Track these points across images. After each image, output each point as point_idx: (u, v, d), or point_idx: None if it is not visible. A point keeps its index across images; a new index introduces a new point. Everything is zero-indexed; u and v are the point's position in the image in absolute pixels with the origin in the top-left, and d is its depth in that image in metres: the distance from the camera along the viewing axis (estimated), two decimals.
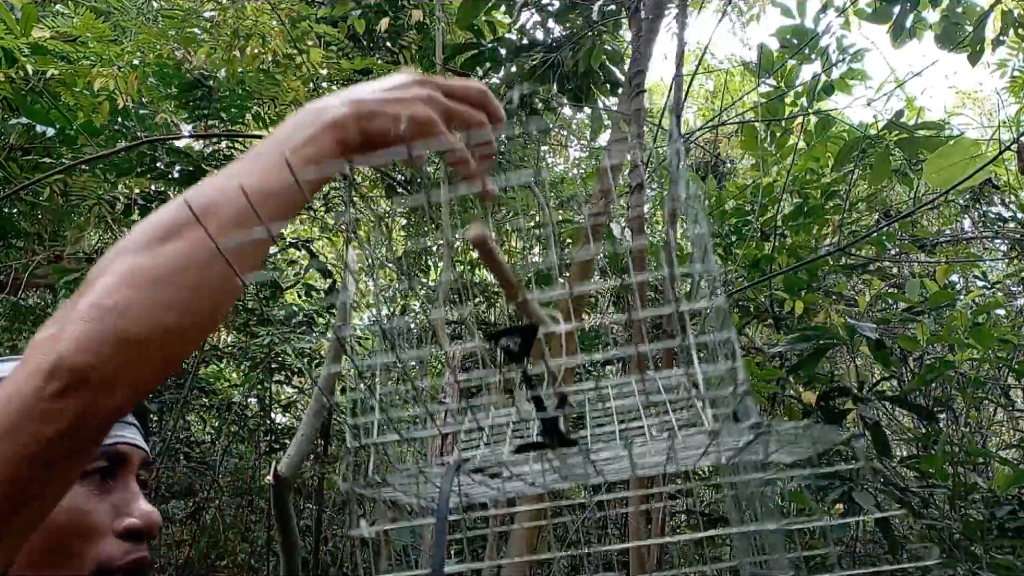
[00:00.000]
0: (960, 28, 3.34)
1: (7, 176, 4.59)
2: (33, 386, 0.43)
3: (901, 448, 4.92)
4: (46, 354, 0.43)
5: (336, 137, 0.55)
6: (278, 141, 0.54)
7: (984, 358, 3.33)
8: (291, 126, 0.56)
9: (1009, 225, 4.70)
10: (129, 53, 3.92)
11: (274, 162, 0.52)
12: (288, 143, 0.53)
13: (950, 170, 1.89)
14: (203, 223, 0.47)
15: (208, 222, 0.48)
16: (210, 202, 0.49)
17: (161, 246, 0.48)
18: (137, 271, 0.46)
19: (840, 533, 3.14)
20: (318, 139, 0.54)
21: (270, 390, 5.94)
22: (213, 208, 0.49)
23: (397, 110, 0.56)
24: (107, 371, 0.44)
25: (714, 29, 14.12)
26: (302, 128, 0.55)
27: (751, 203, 4.51)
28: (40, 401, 0.43)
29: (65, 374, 0.43)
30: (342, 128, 0.55)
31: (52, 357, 0.43)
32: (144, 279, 0.46)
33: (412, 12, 4.69)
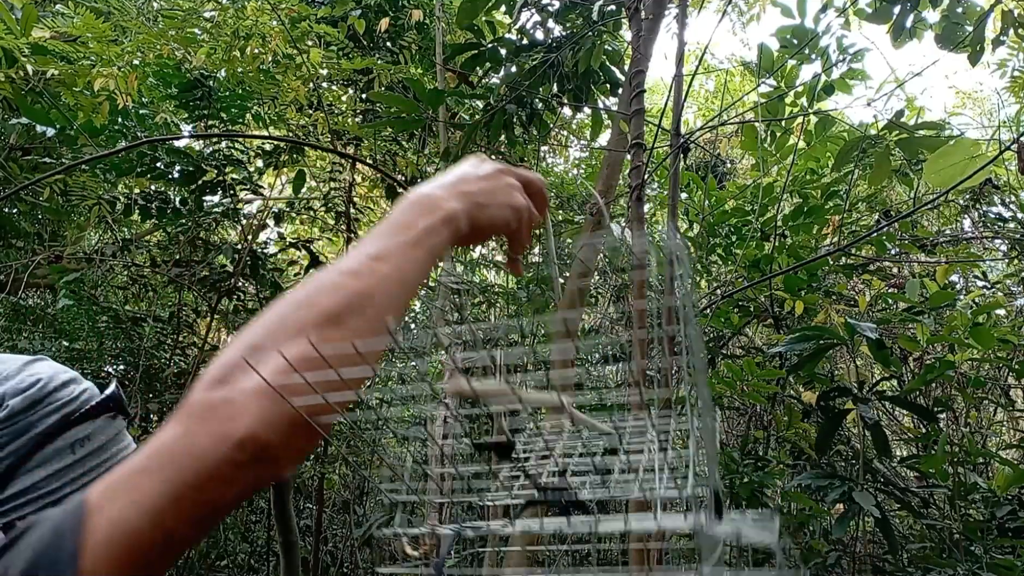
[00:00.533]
0: (960, 28, 3.33)
1: (7, 176, 4.59)
2: (222, 453, 0.46)
3: (901, 448, 4.92)
4: (232, 421, 0.47)
5: (451, 229, 0.63)
6: (401, 227, 0.60)
7: (984, 358, 3.33)
8: (411, 215, 0.62)
9: (1009, 225, 4.70)
10: (129, 53, 3.92)
11: (406, 254, 0.59)
12: (411, 232, 0.60)
13: (950, 170, 1.89)
14: (363, 312, 0.54)
15: (366, 311, 0.54)
16: (367, 292, 0.55)
17: (330, 331, 0.52)
18: (311, 357, 0.50)
19: (840, 533, 3.14)
20: (438, 231, 0.61)
21: None
22: (369, 300, 0.55)
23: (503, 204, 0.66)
24: (288, 448, 0.49)
25: (714, 29, 14.11)
26: (423, 218, 0.61)
27: (751, 203, 4.51)
28: (228, 467, 0.47)
29: (255, 449, 0.47)
30: (456, 222, 0.63)
31: (242, 430, 0.47)
32: (317, 365, 0.50)
33: (412, 12, 4.69)
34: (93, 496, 0.46)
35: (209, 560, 5.62)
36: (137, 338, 5.27)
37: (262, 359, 0.49)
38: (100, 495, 0.46)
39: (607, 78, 4.00)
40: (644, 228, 2.72)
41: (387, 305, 0.56)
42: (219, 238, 5.68)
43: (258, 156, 5.31)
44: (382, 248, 0.58)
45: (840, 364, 4.74)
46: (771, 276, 3.83)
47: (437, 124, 4.07)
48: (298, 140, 5.05)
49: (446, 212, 0.62)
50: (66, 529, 0.45)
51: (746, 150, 4.83)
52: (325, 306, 0.53)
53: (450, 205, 0.63)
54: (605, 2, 3.60)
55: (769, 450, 4.38)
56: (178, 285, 5.19)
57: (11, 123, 4.52)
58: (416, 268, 0.59)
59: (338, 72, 4.64)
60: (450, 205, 0.63)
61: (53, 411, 0.69)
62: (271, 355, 0.50)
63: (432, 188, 0.65)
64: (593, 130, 4.81)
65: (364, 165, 5.08)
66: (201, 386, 0.50)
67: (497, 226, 0.66)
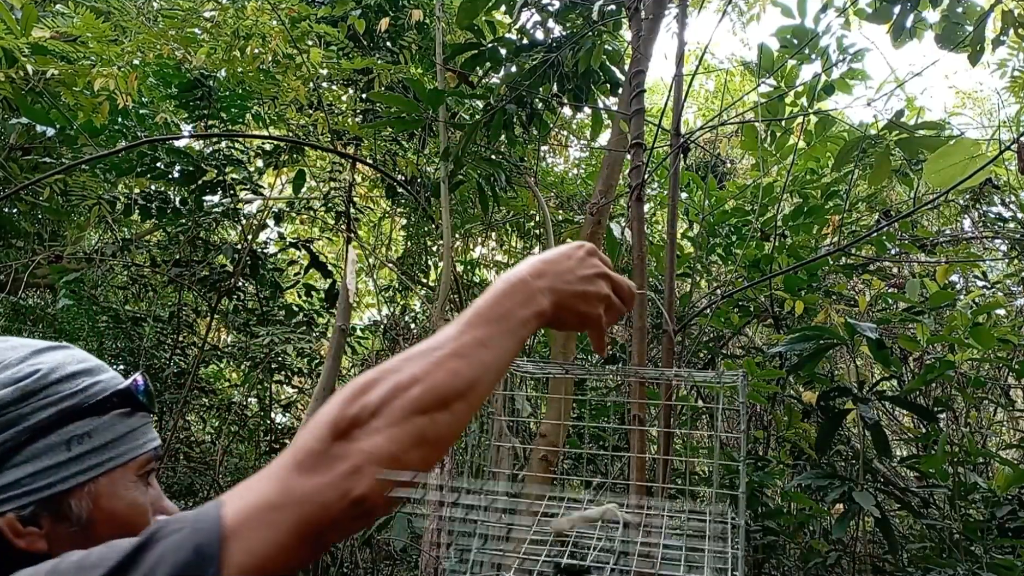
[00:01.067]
0: (960, 28, 3.33)
1: (7, 176, 4.59)
2: (341, 507, 0.54)
3: (901, 448, 4.92)
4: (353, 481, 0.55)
5: (540, 323, 0.70)
6: (502, 316, 0.66)
7: (984, 358, 3.33)
8: (510, 304, 0.68)
9: (1009, 225, 4.70)
10: (129, 53, 3.92)
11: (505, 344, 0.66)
12: (509, 322, 0.66)
13: (950, 170, 1.89)
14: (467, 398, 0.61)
15: (469, 397, 0.61)
16: (474, 380, 0.62)
17: (440, 413, 0.59)
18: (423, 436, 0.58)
19: (840, 533, 3.14)
20: (530, 324, 0.68)
21: (270, 390, 5.94)
22: (473, 388, 0.62)
23: (586, 311, 0.73)
24: (383, 511, 0.58)
25: (714, 29, 14.12)
26: (520, 309, 0.68)
27: (751, 203, 4.51)
28: (342, 518, 0.55)
29: (365, 508, 0.55)
30: (545, 317, 0.70)
31: (360, 490, 0.55)
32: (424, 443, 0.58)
33: (412, 12, 4.69)
34: (228, 519, 0.52)
35: None
36: (137, 338, 5.27)
37: (378, 430, 0.57)
38: (236, 521, 0.52)
39: (607, 78, 4.00)
40: (644, 228, 2.72)
41: (485, 392, 0.63)
42: (219, 238, 5.68)
43: (258, 156, 5.30)
44: (486, 335, 0.64)
45: (840, 364, 4.74)
46: (771, 276, 3.83)
47: (437, 124, 4.06)
48: (298, 140, 5.05)
49: (540, 307, 0.69)
50: (206, 551, 0.51)
51: (746, 150, 4.83)
52: (438, 389, 0.60)
53: (544, 301, 0.69)
54: (605, 2, 3.59)
55: (769, 450, 4.38)
56: (178, 285, 5.19)
57: (11, 123, 4.52)
58: (509, 357, 0.66)
59: (338, 72, 4.64)
60: (544, 301, 0.69)
61: (49, 404, 0.67)
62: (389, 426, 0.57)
63: (530, 275, 0.70)
64: (593, 130, 4.81)
65: (364, 165, 5.08)
66: (325, 432, 0.57)
67: (579, 326, 0.74)
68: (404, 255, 6.36)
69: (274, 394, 6.15)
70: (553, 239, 4.76)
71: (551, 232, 4.74)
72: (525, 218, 5.88)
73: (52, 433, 0.66)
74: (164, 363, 5.33)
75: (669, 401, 2.75)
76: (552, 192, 5.97)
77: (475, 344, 0.63)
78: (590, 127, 5.22)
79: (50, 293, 5.85)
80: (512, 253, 6.44)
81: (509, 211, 5.81)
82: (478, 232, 6.10)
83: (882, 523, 2.87)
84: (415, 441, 0.58)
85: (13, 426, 0.65)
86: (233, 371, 6.72)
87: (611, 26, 3.79)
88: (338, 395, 0.60)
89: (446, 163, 3.90)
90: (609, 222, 3.93)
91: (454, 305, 5.01)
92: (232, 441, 5.99)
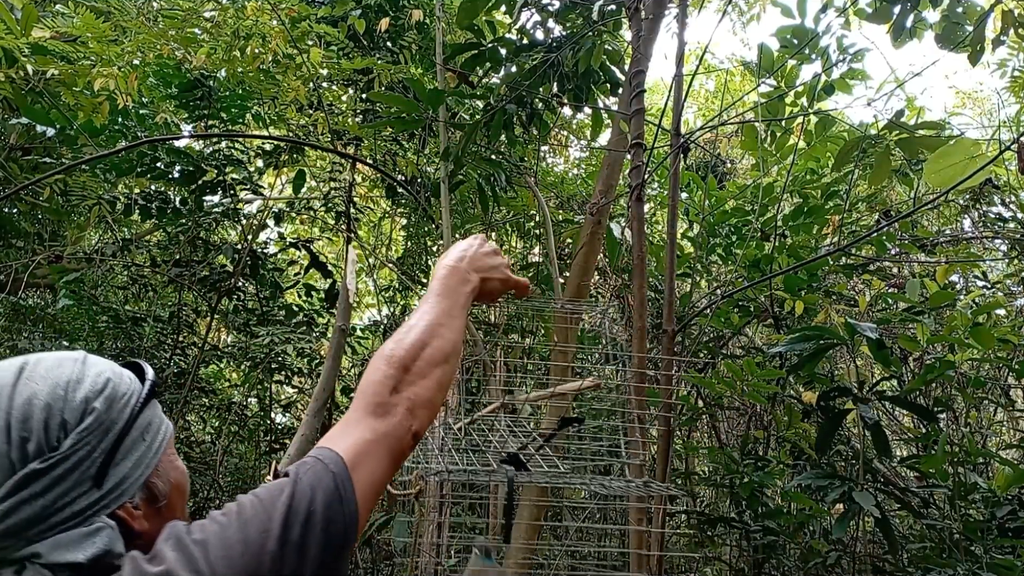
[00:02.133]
0: (960, 28, 3.33)
1: (7, 176, 4.59)
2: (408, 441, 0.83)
3: (901, 448, 4.92)
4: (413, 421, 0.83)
5: (474, 294, 1.02)
6: (452, 292, 0.98)
7: (984, 358, 3.33)
8: (454, 282, 0.99)
9: (1009, 225, 4.70)
10: (129, 53, 3.92)
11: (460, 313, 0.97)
12: (458, 297, 0.98)
13: (950, 170, 1.89)
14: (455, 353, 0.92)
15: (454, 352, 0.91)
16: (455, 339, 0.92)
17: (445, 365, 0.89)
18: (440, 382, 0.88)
19: (840, 533, 3.14)
20: (468, 297, 1.00)
21: (270, 390, 5.94)
22: (456, 343, 0.92)
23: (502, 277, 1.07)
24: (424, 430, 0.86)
25: (714, 29, 14.12)
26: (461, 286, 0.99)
27: (751, 203, 4.51)
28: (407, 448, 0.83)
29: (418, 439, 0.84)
30: (476, 290, 1.02)
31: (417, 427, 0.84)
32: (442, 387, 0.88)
33: (412, 12, 4.68)
34: (347, 455, 0.76)
35: None
36: (137, 338, 5.27)
37: (414, 381, 0.85)
38: (351, 455, 0.76)
39: (607, 78, 4.00)
40: (644, 228, 2.72)
41: (460, 349, 0.93)
42: (219, 238, 5.68)
43: (258, 156, 5.30)
44: (448, 307, 0.94)
45: (840, 364, 4.74)
46: (771, 276, 3.83)
47: (437, 124, 4.06)
48: (298, 140, 5.05)
49: (473, 284, 1.01)
50: (340, 477, 0.74)
51: (746, 150, 4.83)
52: (440, 347, 0.89)
53: (474, 278, 1.01)
54: (605, 2, 3.59)
55: (769, 450, 4.37)
56: (178, 285, 5.19)
57: (11, 123, 4.52)
58: (463, 321, 0.96)
59: (338, 72, 4.64)
60: (474, 278, 1.01)
61: (124, 406, 0.76)
62: (417, 379, 0.85)
63: (459, 260, 1.02)
64: (593, 130, 4.81)
65: (364, 165, 5.08)
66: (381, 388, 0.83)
67: (495, 293, 1.07)
68: (404, 255, 6.36)
69: (274, 394, 6.15)
70: (553, 239, 4.76)
71: (551, 232, 4.74)
72: (525, 218, 5.88)
73: (132, 430, 0.76)
74: (164, 363, 5.33)
75: (669, 401, 2.75)
76: (552, 192, 5.97)
77: (445, 314, 0.93)
78: (590, 127, 5.22)
79: (50, 293, 5.85)
80: (512, 253, 6.44)
81: (509, 211, 5.81)
82: (478, 232, 6.10)
83: (882, 523, 2.87)
84: (438, 386, 0.87)
85: (110, 432, 0.73)
86: (233, 371, 6.72)
87: (611, 26, 3.79)
88: (378, 361, 0.85)
89: (446, 163, 3.89)
90: (609, 222, 3.93)
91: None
92: (232, 441, 5.99)
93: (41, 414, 0.69)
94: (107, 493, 0.71)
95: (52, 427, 0.69)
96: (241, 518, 0.68)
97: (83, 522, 0.68)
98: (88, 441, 0.70)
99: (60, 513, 0.67)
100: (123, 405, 0.76)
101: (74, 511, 0.68)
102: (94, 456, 0.71)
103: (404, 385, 0.83)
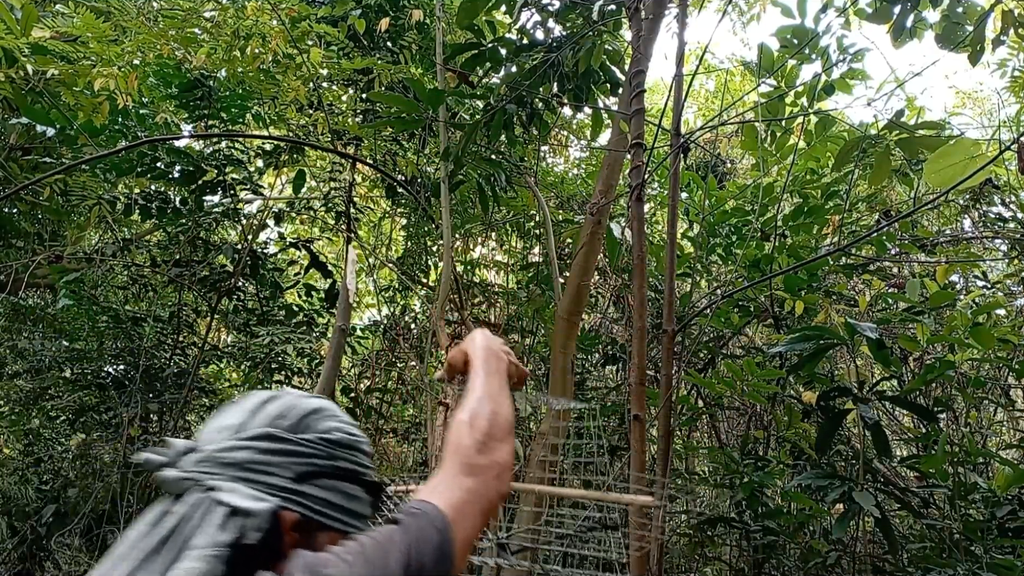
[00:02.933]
0: (960, 28, 3.33)
1: (7, 176, 4.59)
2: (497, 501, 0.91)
3: (901, 448, 4.92)
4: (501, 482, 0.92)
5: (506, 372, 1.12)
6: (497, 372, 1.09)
7: (984, 358, 3.33)
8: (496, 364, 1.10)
9: (1009, 225, 4.70)
10: (129, 53, 3.92)
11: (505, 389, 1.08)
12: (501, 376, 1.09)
13: (950, 170, 1.89)
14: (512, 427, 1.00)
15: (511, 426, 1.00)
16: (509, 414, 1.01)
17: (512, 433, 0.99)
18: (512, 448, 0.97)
19: (839, 533, 3.14)
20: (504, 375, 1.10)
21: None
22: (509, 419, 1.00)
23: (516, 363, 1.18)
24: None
25: (714, 29, 14.13)
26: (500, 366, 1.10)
27: (751, 203, 4.51)
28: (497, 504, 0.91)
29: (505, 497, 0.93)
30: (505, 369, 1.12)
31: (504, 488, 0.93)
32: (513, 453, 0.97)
33: (412, 12, 4.68)
34: (448, 512, 0.83)
35: None
36: (137, 338, 5.27)
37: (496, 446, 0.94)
38: (451, 512, 0.83)
39: (607, 78, 4.00)
40: (644, 228, 2.72)
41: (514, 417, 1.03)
42: (219, 238, 5.68)
43: (258, 156, 5.30)
44: (499, 383, 1.06)
45: (840, 364, 4.74)
46: (771, 276, 3.83)
47: (437, 124, 4.06)
48: (298, 140, 5.05)
49: (504, 364, 1.12)
50: (445, 534, 0.81)
51: (746, 150, 4.83)
52: (507, 416, 0.99)
53: (504, 360, 1.13)
54: (605, 2, 3.59)
55: (769, 450, 4.37)
56: (178, 285, 5.19)
57: (11, 123, 4.52)
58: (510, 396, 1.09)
59: (338, 72, 4.64)
60: (504, 360, 1.13)
61: (350, 460, 0.90)
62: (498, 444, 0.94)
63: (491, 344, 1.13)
64: (593, 130, 4.81)
65: (364, 165, 5.08)
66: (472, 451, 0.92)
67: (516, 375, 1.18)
68: (404, 255, 6.36)
69: None
70: (553, 239, 4.76)
71: (551, 232, 4.74)
72: (525, 218, 5.88)
73: (342, 481, 0.88)
74: (164, 363, 5.33)
75: (669, 400, 2.75)
76: (552, 192, 5.97)
77: (499, 389, 1.05)
78: (590, 127, 5.21)
79: (50, 293, 5.85)
80: (512, 253, 6.44)
81: (509, 211, 5.81)
82: (478, 232, 6.10)
83: (882, 523, 2.87)
84: (512, 451, 0.97)
85: (333, 460, 0.88)
86: (233, 371, 6.72)
87: (611, 26, 3.79)
88: (463, 427, 0.94)
89: (446, 163, 3.89)
90: (609, 222, 3.93)
91: (454, 305, 5.00)
92: None
93: (302, 412, 0.89)
94: (295, 491, 0.83)
95: (304, 424, 0.88)
96: (365, 557, 0.76)
97: (264, 491, 0.81)
98: (320, 449, 0.87)
99: (261, 474, 0.82)
100: (349, 458, 0.90)
101: (268, 482, 0.82)
102: (313, 461, 0.86)
103: (489, 450, 0.92)
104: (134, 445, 5.05)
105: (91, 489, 5.18)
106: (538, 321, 5.63)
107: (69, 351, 5.51)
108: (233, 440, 0.84)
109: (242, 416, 0.88)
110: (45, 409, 5.64)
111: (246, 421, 0.87)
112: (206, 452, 0.83)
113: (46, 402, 5.53)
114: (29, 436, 5.91)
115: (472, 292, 6.01)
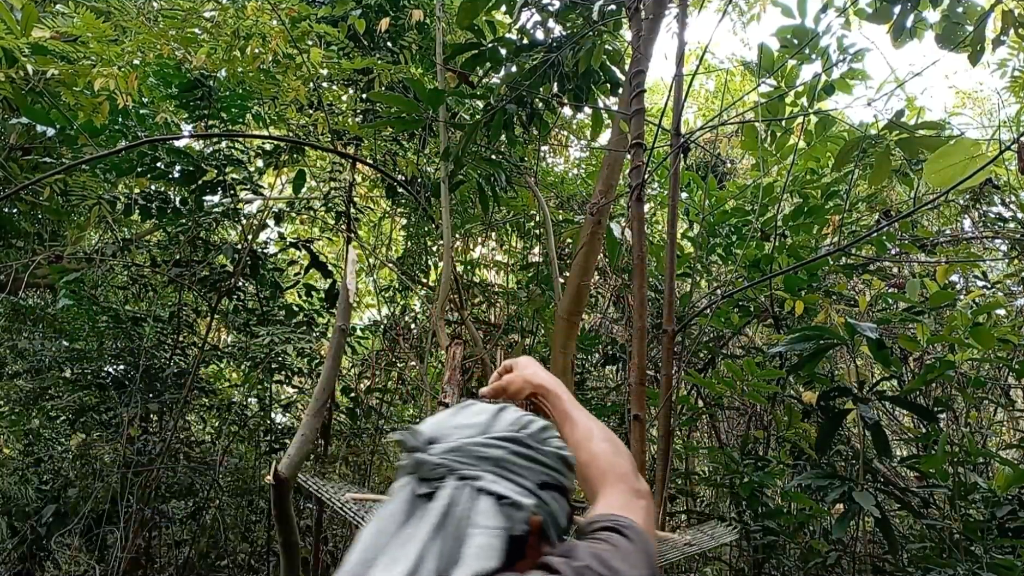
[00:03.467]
0: (960, 28, 3.33)
1: (7, 176, 4.59)
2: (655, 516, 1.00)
3: (901, 448, 4.92)
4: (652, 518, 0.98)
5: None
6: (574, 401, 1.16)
7: (984, 358, 3.33)
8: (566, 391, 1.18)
9: (1009, 225, 4.70)
10: (129, 53, 3.91)
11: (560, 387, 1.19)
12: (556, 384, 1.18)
13: (950, 170, 1.89)
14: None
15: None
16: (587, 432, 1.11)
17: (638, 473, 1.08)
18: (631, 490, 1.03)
19: (839, 533, 3.14)
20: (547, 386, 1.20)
21: (270, 390, 5.94)
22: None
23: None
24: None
25: (714, 29, 14.14)
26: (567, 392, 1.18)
27: (751, 203, 4.51)
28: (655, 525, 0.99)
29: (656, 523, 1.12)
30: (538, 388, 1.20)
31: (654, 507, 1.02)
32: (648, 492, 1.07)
33: (412, 12, 4.68)
34: (642, 527, 0.91)
35: (209, 560, 5.62)
36: (137, 338, 5.27)
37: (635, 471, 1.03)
38: (643, 526, 0.92)
39: (607, 78, 4.00)
40: (644, 228, 2.72)
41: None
42: (219, 238, 5.68)
43: (258, 156, 5.30)
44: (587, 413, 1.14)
45: (840, 364, 4.74)
46: (771, 276, 3.83)
47: (437, 124, 4.06)
48: (298, 140, 5.05)
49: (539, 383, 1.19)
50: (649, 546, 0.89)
51: (746, 150, 4.83)
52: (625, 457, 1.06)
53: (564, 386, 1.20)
54: (605, 2, 3.59)
55: (769, 450, 4.38)
56: (178, 285, 5.19)
57: (11, 123, 4.52)
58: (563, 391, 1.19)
59: (338, 72, 4.64)
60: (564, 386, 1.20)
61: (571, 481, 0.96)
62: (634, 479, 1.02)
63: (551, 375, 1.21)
64: (593, 130, 4.81)
65: (364, 165, 5.08)
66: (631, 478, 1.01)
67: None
68: (404, 255, 6.36)
69: (274, 394, 6.14)
70: (553, 239, 4.76)
71: (551, 232, 4.74)
72: (525, 218, 5.88)
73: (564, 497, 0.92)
74: (164, 363, 5.33)
75: (669, 400, 2.75)
76: (552, 192, 5.97)
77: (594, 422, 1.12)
78: (590, 127, 5.21)
79: (50, 293, 5.85)
80: (512, 253, 6.44)
81: (509, 211, 5.81)
82: (478, 232, 6.10)
83: (882, 523, 2.87)
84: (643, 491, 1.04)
85: (561, 476, 0.93)
86: (233, 371, 6.72)
87: (611, 26, 3.79)
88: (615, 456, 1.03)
89: (446, 163, 3.89)
90: (609, 222, 3.93)
91: (454, 305, 5.00)
92: (232, 441, 5.99)
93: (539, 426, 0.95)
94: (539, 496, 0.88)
95: (541, 437, 0.94)
96: (623, 551, 0.85)
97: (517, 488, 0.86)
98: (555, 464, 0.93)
99: (514, 474, 0.87)
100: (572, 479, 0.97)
101: (520, 483, 0.87)
102: (551, 473, 0.91)
103: (642, 489, 1.01)
104: (134, 445, 5.04)
105: (91, 489, 5.17)
106: (538, 321, 5.63)
107: (69, 351, 5.51)
108: (483, 437, 0.88)
109: (486, 417, 0.92)
110: (45, 409, 5.64)
111: (490, 422, 0.92)
112: (455, 443, 0.87)
113: (46, 402, 5.53)
114: (29, 436, 5.91)
115: (472, 292, 6.01)
